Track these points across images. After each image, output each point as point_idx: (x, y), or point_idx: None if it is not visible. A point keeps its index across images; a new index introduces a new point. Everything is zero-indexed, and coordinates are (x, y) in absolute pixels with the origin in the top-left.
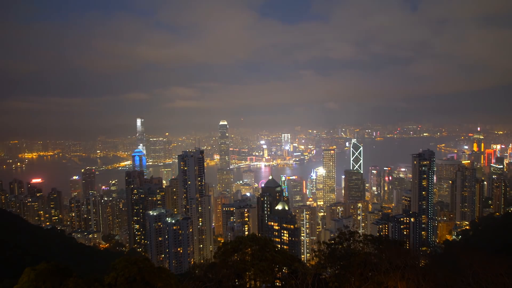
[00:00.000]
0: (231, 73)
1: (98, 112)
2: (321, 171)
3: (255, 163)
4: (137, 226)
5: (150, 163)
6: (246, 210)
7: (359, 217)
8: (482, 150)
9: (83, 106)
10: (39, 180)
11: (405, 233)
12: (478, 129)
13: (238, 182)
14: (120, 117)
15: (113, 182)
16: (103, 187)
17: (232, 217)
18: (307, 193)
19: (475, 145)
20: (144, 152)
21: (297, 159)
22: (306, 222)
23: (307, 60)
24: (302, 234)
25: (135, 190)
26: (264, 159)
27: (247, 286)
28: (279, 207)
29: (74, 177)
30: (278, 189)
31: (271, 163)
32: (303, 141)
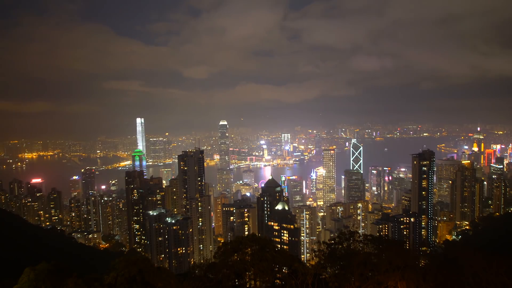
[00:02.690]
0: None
1: (98, 112)
2: (321, 171)
3: (255, 163)
4: (137, 226)
5: (150, 163)
6: (246, 210)
7: (359, 217)
8: (482, 150)
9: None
10: (39, 180)
11: (405, 233)
12: (478, 129)
13: (238, 182)
14: (120, 117)
15: (113, 182)
16: (103, 187)
17: (232, 217)
18: (307, 193)
19: (475, 145)
20: (144, 152)
21: (297, 159)
22: (306, 222)
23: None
24: (302, 234)
25: (135, 190)
26: (264, 159)
27: (247, 286)
28: (279, 207)
29: (74, 177)
30: (278, 189)
31: (271, 163)
32: (303, 141)
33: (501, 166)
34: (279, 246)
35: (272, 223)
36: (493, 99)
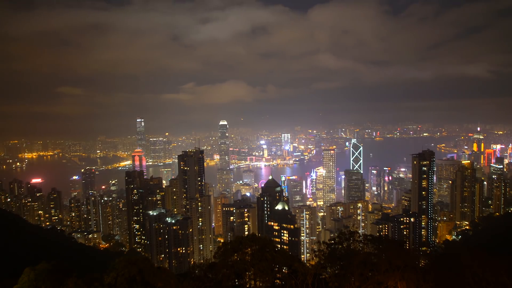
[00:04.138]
0: None
1: (98, 112)
2: (321, 171)
3: (255, 163)
4: (137, 226)
5: (150, 163)
6: (246, 210)
7: (359, 217)
8: (482, 150)
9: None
10: (39, 180)
11: (405, 233)
12: (478, 129)
13: (238, 182)
14: (120, 117)
15: (113, 182)
16: (103, 187)
17: (232, 217)
18: (307, 193)
19: (475, 145)
20: (144, 152)
21: (297, 159)
22: (306, 222)
23: None
24: (302, 234)
25: (135, 190)
26: (264, 159)
27: (247, 286)
28: (279, 207)
29: (74, 177)
30: (278, 189)
31: (271, 163)
32: (303, 141)
33: (501, 166)
34: (279, 246)
35: (272, 223)
36: (493, 99)
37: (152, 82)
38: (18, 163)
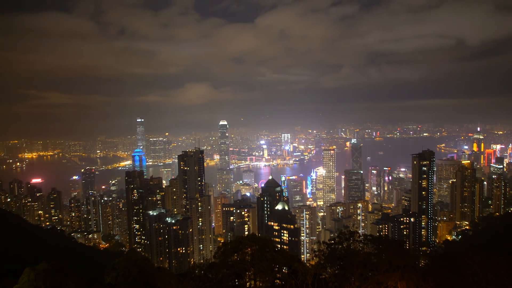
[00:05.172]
0: None
1: (98, 112)
2: (321, 171)
3: (255, 163)
4: (137, 226)
5: (150, 163)
6: (246, 210)
7: (359, 217)
8: (482, 150)
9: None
10: (39, 180)
11: (405, 233)
12: (478, 129)
13: (238, 182)
14: (120, 117)
15: (113, 182)
16: (103, 187)
17: (232, 217)
18: (307, 193)
19: (475, 145)
20: (144, 152)
21: (297, 159)
22: (306, 222)
23: None
24: (302, 234)
25: (135, 190)
26: (264, 159)
27: (247, 286)
28: (279, 207)
29: (74, 177)
30: (278, 189)
31: (271, 163)
32: (303, 141)
33: (501, 166)
34: (279, 246)
35: (272, 223)
36: (493, 99)
37: (127, 85)
38: (18, 163)
